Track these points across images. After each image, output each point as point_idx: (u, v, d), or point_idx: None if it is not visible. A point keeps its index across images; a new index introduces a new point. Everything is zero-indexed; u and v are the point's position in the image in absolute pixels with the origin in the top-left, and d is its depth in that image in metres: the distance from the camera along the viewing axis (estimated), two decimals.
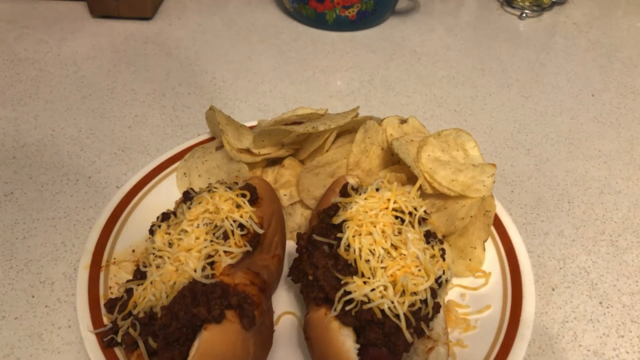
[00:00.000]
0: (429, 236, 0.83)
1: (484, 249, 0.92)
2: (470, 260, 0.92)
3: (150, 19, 1.66)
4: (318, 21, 1.63)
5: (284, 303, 0.90)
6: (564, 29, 1.72)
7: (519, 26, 1.74)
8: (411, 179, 0.96)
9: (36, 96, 1.35)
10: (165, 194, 1.02)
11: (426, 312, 0.73)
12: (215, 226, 0.80)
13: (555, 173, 1.19)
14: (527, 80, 1.48)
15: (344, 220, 0.80)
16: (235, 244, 0.79)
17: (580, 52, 1.62)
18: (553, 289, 0.95)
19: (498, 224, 0.96)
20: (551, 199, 1.13)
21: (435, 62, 1.55)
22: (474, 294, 0.90)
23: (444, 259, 0.82)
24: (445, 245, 0.88)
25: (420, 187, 0.89)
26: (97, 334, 0.79)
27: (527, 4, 1.80)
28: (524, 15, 1.76)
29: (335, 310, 0.72)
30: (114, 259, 0.91)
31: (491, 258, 0.93)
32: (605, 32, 1.71)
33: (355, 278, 0.73)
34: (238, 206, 0.83)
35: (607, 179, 1.18)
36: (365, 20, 1.63)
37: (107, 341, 0.77)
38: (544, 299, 0.94)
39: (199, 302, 0.70)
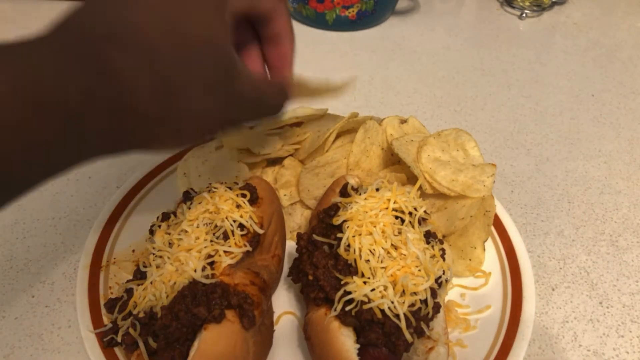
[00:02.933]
0: (429, 236, 0.83)
1: (484, 249, 0.92)
2: (470, 260, 0.92)
3: None
4: (318, 21, 1.63)
5: (284, 303, 0.90)
6: (564, 29, 1.72)
7: (519, 26, 1.73)
8: (411, 179, 0.96)
9: None
10: (165, 194, 1.02)
11: (426, 312, 0.73)
12: (215, 226, 0.80)
13: (555, 173, 1.19)
14: (527, 80, 1.48)
15: (344, 220, 0.80)
16: (235, 244, 0.79)
17: (580, 52, 1.62)
18: (553, 289, 0.95)
19: (498, 224, 0.96)
20: (551, 199, 1.13)
21: (435, 62, 1.54)
22: (474, 294, 0.90)
23: (444, 259, 0.82)
24: (445, 245, 0.88)
25: (420, 187, 0.89)
26: (97, 334, 0.79)
27: (527, 4, 1.80)
28: (524, 15, 1.76)
29: (335, 310, 0.72)
30: (114, 259, 0.91)
31: (491, 258, 0.93)
32: (605, 32, 1.71)
33: (355, 278, 0.73)
34: (238, 206, 0.83)
35: (607, 179, 1.18)
36: (365, 20, 1.63)
37: (107, 341, 0.77)
38: (544, 299, 0.94)
39: (199, 302, 0.70)
